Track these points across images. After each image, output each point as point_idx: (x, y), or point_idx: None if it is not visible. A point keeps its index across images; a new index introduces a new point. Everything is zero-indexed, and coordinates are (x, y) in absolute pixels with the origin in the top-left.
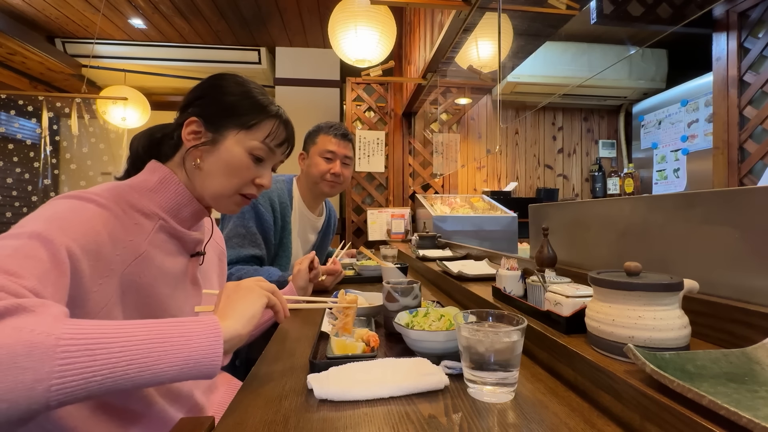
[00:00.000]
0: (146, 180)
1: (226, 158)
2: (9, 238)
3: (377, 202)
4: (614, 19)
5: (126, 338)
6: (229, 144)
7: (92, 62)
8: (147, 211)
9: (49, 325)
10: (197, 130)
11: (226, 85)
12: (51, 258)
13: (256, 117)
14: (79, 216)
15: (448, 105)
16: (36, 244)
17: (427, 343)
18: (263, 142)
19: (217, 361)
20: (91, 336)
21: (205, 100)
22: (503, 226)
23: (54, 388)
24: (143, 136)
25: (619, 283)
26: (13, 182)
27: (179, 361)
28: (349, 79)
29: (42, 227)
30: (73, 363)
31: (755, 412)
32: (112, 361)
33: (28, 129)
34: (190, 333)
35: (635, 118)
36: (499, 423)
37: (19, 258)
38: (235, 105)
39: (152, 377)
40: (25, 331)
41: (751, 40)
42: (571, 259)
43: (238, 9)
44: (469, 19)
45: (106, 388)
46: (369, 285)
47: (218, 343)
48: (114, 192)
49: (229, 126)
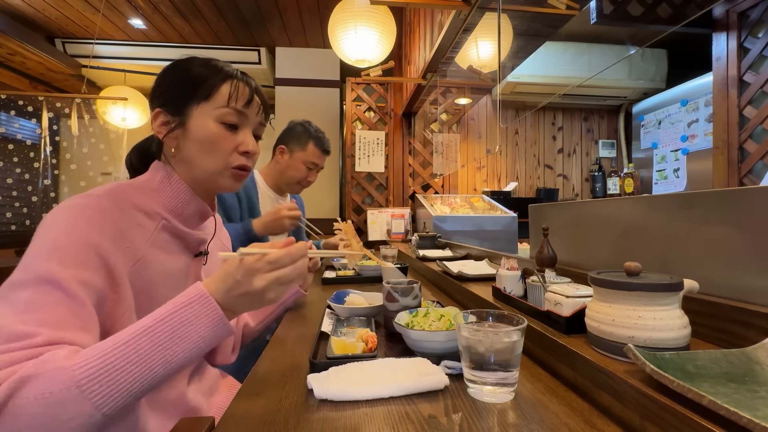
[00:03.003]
0: (149, 179)
1: (199, 135)
2: (19, 288)
3: (377, 202)
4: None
5: (137, 353)
6: (196, 120)
7: (92, 62)
8: (149, 210)
9: (61, 379)
10: (164, 120)
11: (176, 66)
12: (65, 297)
13: (211, 83)
14: (77, 236)
15: (448, 105)
16: (45, 288)
17: (427, 343)
18: (228, 106)
19: (222, 323)
20: (104, 365)
21: (161, 88)
22: (503, 226)
23: (106, 411)
24: (134, 150)
25: (619, 283)
26: (13, 182)
27: (193, 344)
28: (349, 79)
29: (46, 268)
30: (104, 392)
31: (755, 412)
32: (135, 377)
33: (28, 129)
34: (187, 319)
35: (635, 118)
36: (499, 423)
37: (33, 311)
38: (188, 80)
39: (180, 363)
40: (45, 396)
41: (751, 40)
42: (571, 259)
43: (238, 9)
44: (469, 19)
45: (148, 387)
46: (369, 285)
47: (214, 311)
48: (115, 192)
49: (188, 103)
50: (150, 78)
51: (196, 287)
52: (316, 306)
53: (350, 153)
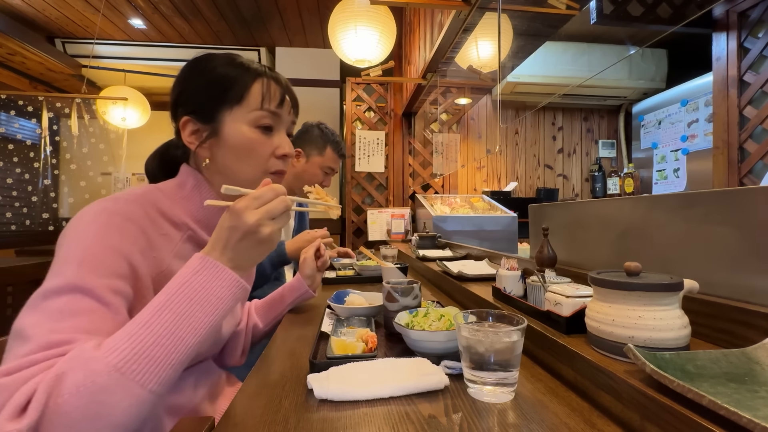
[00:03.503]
0: (180, 185)
1: (235, 143)
2: (52, 296)
3: (377, 202)
4: (614, 19)
5: (163, 326)
6: (230, 127)
7: (92, 62)
8: (177, 220)
9: (98, 367)
10: (194, 128)
11: (198, 68)
12: (99, 305)
13: (241, 85)
14: (107, 244)
15: (448, 105)
16: (79, 296)
17: (427, 343)
18: (262, 108)
19: (234, 281)
20: (136, 345)
21: (186, 94)
22: (503, 226)
23: (152, 387)
24: (153, 157)
25: (619, 283)
26: (13, 182)
27: (213, 307)
28: (349, 79)
29: (78, 276)
30: (144, 369)
31: (755, 412)
32: (168, 349)
33: (28, 129)
34: (200, 285)
35: (635, 118)
36: (499, 423)
37: (68, 319)
38: (215, 83)
39: (207, 328)
40: (88, 386)
41: (751, 40)
42: (571, 259)
43: (238, 9)
44: (469, 19)
45: (184, 357)
46: (369, 285)
47: (222, 270)
48: (145, 198)
49: (220, 109)
50: (150, 78)
51: (196, 257)
52: (316, 306)
53: (350, 153)
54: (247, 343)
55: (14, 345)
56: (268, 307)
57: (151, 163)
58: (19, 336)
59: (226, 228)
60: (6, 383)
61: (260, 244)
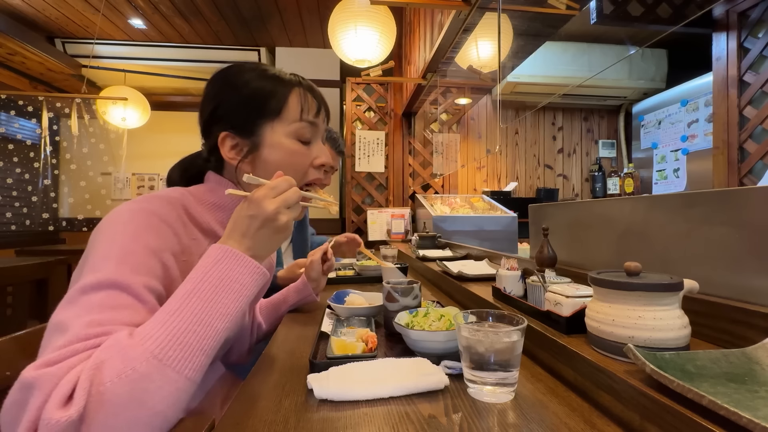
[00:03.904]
0: (210, 192)
1: (276, 156)
2: (91, 291)
3: (377, 202)
4: (614, 19)
5: (193, 313)
6: (271, 140)
7: (92, 62)
8: (206, 226)
9: (136, 355)
10: (234, 144)
11: (232, 81)
12: (137, 301)
13: (280, 98)
14: (144, 243)
15: (448, 105)
16: (116, 292)
17: (427, 343)
18: (301, 119)
19: (254, 267)
20: (169, 333)
21: (223, 109)
22: (503, 226)
23: (188, 374)
24: (177, 169)
25: (619, 283)
26: (13, 182)
27: (238, 293)
28: (349, 79)
29: (116, 272)
30: (180, 356)
31: (755, 412)
32: (199, 335)
33: (28, 129)
34: (223, 273)
35: (635, 118)
36: (499, 423)
37: (107, 312)
38: (253, 97)
39: (235, 313)
40: (128, 373)
41: (751, 40)
42: (571, 259)
43: (238, 9)
44: (468, 19)
45: (216, 342)
46: (369, 285)
47: (242, 258)
48: (180, 202)
49: (259, 123)
50: (150, 78)
51: (214, 247)
52: (316, 306)
53: (350, 153)
54: (254, 341)
55: (53, 337)
56: (272, 308)
57: (174, 175)
58: (58, 329)
59: (245, 216)
60: (50, 373)
61: (277, 232)
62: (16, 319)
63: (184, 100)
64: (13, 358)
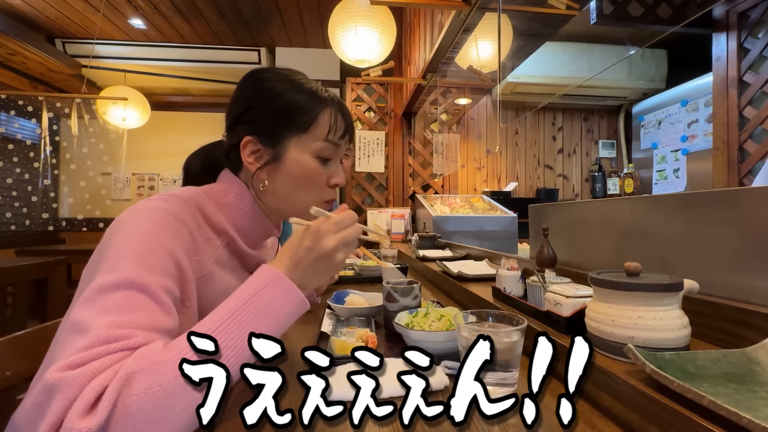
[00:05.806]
0: (224, 192)
1: (295, 171)
2: (109, 291)
3: (377, 202)
4: (614, 20)
5: (230, 337)
6: (293, 154)
7: (92, 62)
8: (219, 227)
9: (166, 371)
10: (255, 149)
11: (266, 87)
12: (154, 302)
13: (311, 114)
14: (161, 243)
15: (448, 105)
16: (134, 293)
17: (427, 343)
18: (327, 140)
19: (300, 299)
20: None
21: (254, 112)
22: (503, 226)
23: None
24: (197, 158)
25: (619, 284)
26: (13, 182)
27: (276, 323)
28: (349, 79)
29: (134, 272)
30: None
31: (755, 412)
32: (231, 360)
33: (28, 129)
34: (268, 300)
35: (635, 118)
36: (499, 423)
37: (127, 314)
38: (285, 108)
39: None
40: (155, 390)
41: (750, 41)
42: (571, 259)
43: (238, 9)
44: (469, 19)
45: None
46: (369, 285)
47: (291, 288)
48: (194, 201)
49: (285, 134)
50: (150, 78)
51: (266, 269)
52: (316, 306)
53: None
54: None
55: (71, 337)
56: None
57: (193, 163)
58: (77, 329)
59: (303, 248)
60: (73, 376)
61: (330, 268)
62: (16, 319)
63: (184, 100)
64: (13, 359)
